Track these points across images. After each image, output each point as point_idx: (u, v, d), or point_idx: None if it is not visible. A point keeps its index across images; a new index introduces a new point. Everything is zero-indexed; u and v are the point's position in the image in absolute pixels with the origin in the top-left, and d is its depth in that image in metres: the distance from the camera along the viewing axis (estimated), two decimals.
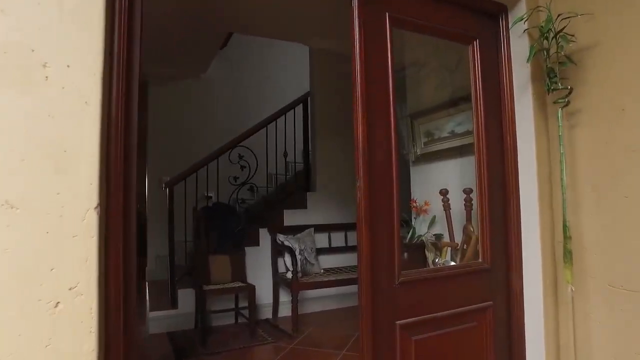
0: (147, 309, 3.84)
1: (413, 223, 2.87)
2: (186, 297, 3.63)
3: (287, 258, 3.76)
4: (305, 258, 3.85)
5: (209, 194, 5.36)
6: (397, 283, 1.61)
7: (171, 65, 5.14)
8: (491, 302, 1.85)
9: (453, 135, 2.51)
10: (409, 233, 2.90)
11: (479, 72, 1.95)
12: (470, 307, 1.80)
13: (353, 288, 4.20)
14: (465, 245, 2.04)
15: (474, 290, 1.83)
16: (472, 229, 2.07)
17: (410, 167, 3.11)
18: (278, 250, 3.97)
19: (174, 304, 3.70)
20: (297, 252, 3.76)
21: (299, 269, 3.70)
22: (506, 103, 1.99)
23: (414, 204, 2.85)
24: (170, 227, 3.71)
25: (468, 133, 2.40)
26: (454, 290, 1.78)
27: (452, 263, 2.01)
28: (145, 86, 5.26)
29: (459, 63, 2.35)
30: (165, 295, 3.87)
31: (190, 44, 4.52)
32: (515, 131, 1.98)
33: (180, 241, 4.22)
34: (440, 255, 2.12)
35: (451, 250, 2.15)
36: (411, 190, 3.09)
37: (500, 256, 1.92)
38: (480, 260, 1.89)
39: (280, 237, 3.85)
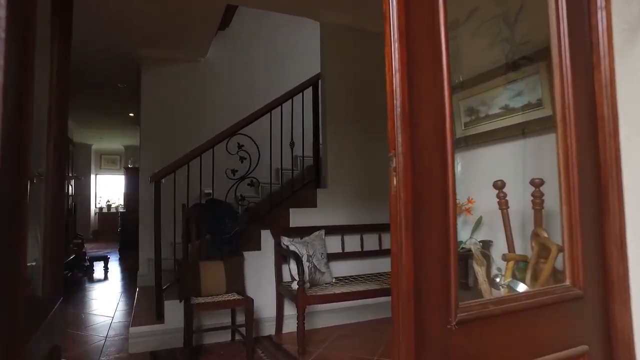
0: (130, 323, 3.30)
1: None
2: (175, 310, 3.08)
3: (293, 265, 3.19)
4: (314, 265, 3.27)
5: (206, 191, 4.82)
6: (454, 323, 1.02)
7: (166, 46, 4.62)
8: (586, 347, 1.25)
9: (507, 110, 1.91)
10: None
11: (564, 11, 1.34)
12: (557, 355, 1.20)
13: (370, 299, 3.64)
14: (539, 260, 1.44)
15: (560, 329, 1.23)
16: (546, 236, 1.46)
17: None
18: (282, 256, 3.40)
19: (159, 317, 3.16)
20: (304, 259, 3.19)
21: (306, 278, 3.13)
22: (602, 57, 1.38)
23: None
24: (157, 226, 3.16)
25: (531, 106, 1.79)
26: (534, 329, 1.18)
27: (522, 286, 1.41)
28: (138, 70, 4.76)
29: (520, 11, 1.74)
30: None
31: (185, 21, 3.98)
32: (616, 97, 1.37)
33: (171, 244, 3.69)
34: (505, 274, 1.52)
35: (514, 267, 1.54)
36: None
37: (596, 278, 1.31)
38: (567, 283, 1.28)
39: (285, 241, 3.28)
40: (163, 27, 4.17)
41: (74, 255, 6.16)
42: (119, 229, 8.39)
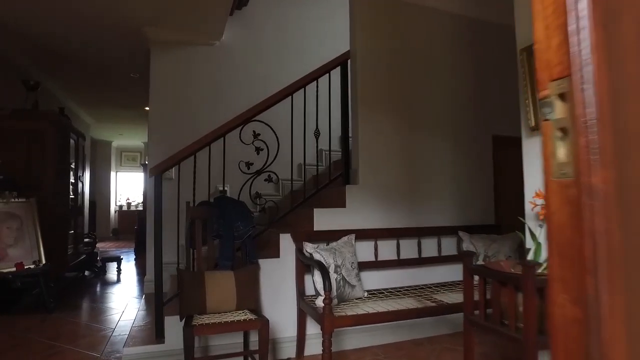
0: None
1: (537, 235, 1.67)
2: (178, 328, 2.57)
3: (318, 277, 2.64)
4: (344, 278, 2.71)
5: (220, 187, 4.33)
6: None
7: (176, 28, 4.15)
8: None
9: None
10: (531, 253, 1.70)
11: None
12: None
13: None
14: None
15: None
16: None
17: (524, 142, 1.90)
18: (305, 265, 2.85)
19: (159, 335, 2.66)
20: (331, 269, 2.64)
21: (334, 293, 2.57)
22: None
23: (536, 203, 1.65)
24: (157, 227, 2.67)
25: None
26: None
27: None
28: (147, 55, 4.31)
29: None
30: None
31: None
32: None
33: (180, 246, 3.20)
34: None
35: None
36: (524, 180, 1.89)
37: None
38: None
39: (309, 247, 2.73)
40: (172, 3, 3.70)
41: (84, 256, 5.80)
42: (136, 227, 8.05)
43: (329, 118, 3.34)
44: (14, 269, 3.90)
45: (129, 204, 11.90)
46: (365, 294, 2.93)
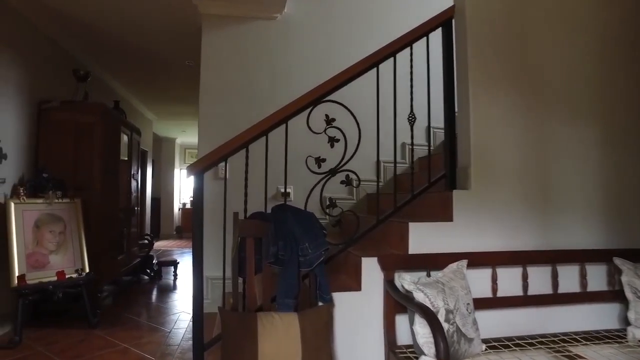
0: None
1: None
2: None
3: (422, 327, 1.78)
4: (458, 329, 1.83)
5: (283, 190, 3.60)
6: None
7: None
8: None
9: None
10: None
11: None
12: None
13: None
14: None
15: None
16: None
17: None
18: (399, 305, 2.01)
19: None
20: (441, 316, 1.77)
21: (442, 354, 1.69)
22: None
23: None
24: (198, 242, 1.96)
25: None
26: None
27: None
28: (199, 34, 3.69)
29: None
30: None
31: None
32: None
33: (231, 260, 2.50)
34: None
35: None
36: None
37: None
38: None
39: (406, 282, 1.87)
40: None
41: (139, 259, 5.40)
42: None
43: (428, 99, 2.45)
44: (55, 279, 3.46)
45: (192, 202, 11.75)
46: (484, 347, 2.01)
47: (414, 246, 2.17)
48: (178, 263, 5.83)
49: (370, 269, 2.10)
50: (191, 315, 3.86)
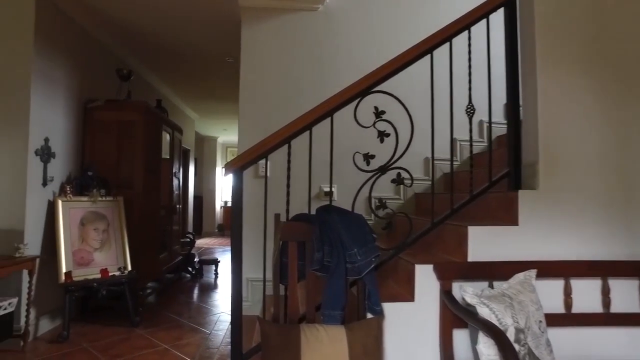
0: None
1: None
2: None
3: (488, 348, 1.55)
4: (530, 351, 1.58)
5: (325, 189, 3.44)
6: None
7: None
8: None
9: None
10: None
11: None
12: None
13: None
14: None
15: None
16: None
17: None
18: (457, 319, 1.78)
19: None
20: (510, 335, 1.53)
21: None
22: None
23: None
24: (236, 244, 1.82)
25: None
26: None
27: None
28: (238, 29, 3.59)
29: None
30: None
31: None
32: None
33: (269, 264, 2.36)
34: None
35: None
36: None
37: None
38: None
39: (468, 294, 1.65)
40: None
41: (180, 257, 5.42)
42: None
43: (489, 89, 2.19)
44: (99, 276, 3.47)
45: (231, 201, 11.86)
46: None
47: (474, 253, 1.93)
48: (219, 262, 5.82)
49: (425, 278, 1.88)
50: (231, 314, 3.80)
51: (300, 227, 1.70)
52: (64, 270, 3.32)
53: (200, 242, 9.28)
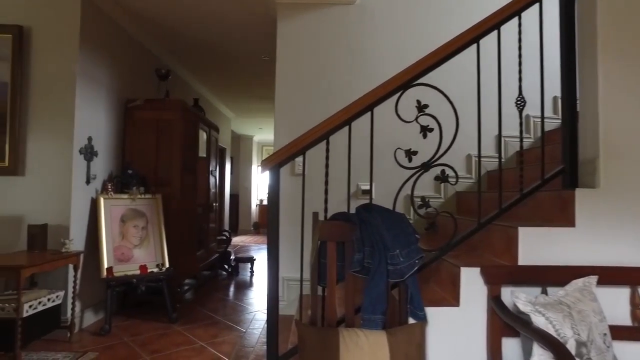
0: None
1: None
2: None
3: (543, 359, 1.42)
4: None
5: (363, 187, 3.35)
6: None
7: None
8: None
9: None
10: None
11: None
12: None
13: None
14: None
15: None
16: None
17: None
18: (507, 327, 1.65)
19: None
20: (571, 350, 1.39)
21: None
22: None
23: None
24: (273, 243, 1.77)
25: None
26: None
27: None
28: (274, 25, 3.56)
29: None
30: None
31: None
32: None
33: (307, 264, 2.30)
34: None
35: None
36: None
37: None
38: None
39: (521, 301, 1.52)
40: None
41: (217, 255, 5.48)
42: None
43: (541, 78, 2.03)
44: (138, 272, 3.54)
45: (267, 199, 11.96)
46: None
47: (525, 256, 1.79)
48: (255, 260, 5.84)
49: (471, 281, 1.76)
50: (267, 316, 3.78)
51: (340, 226, 1.62)
52: (105, 265, 3.40)
53: (236, 240, 9.39)
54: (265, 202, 11.87)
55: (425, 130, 1.88)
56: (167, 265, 3.71)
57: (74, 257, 3.08)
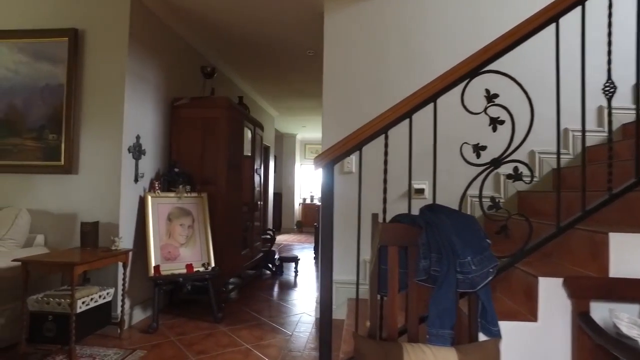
0: None
1: None
2: None
3: None
4: None
5: (417, 186, 3.14)
6: None
7: None
8: None
9: None
10: None
11: None
12: None
13: None
14: None
15: None
16: None
17: None
18: (599, 350, 1.42)
19: None
20: None
21: None
22: None
23: None
24: (327, 247, 1.64)
25: None
26: None
27: None
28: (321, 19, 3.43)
29: None
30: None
31: None
32: None
33: (362, 263, 2.15)
34: None
35: None
36: None
37: None
38: None
39: (623, 321, 1.29)
40: None
41: (261, 254, 5.43)
42: (315, 224, 7.58)
43: (637, 60, 1.76)
44: (184, 271, 3.53)
45: (312, 197, 11.90)
46: None
47: (618, 267, 1.55)
48: (299, 259, 5.76)
49: (552, 294, 1.54)
50: (313, 318, 3.65)
51: (403, 229, 1.46)
52: (153, 264, 3.41)
53: (279, 239, 9.38)
54: (308, 201, 11.83)
55: (495, 122, 1.67)
56: (212, 264, 3.68)
57: (123, 255, 3.10)
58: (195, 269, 3.57)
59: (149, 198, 3.55)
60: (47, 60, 3.34)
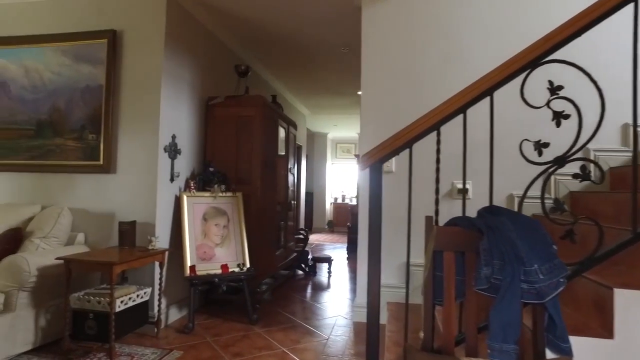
0: None
1: None
2: None
3: None
4: None
5: (459, 186, 2.99)
6: None
7: None
8: None
9: None
10: None
11: None
12: None
13: None
14: None
15: None
16: None
17: None
18: None
19: None
20: None
21: None
22: None
23: None
24: (375, 252, 1.53)
25: None
26: None
27: None
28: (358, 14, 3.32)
29: None
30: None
31: None
32: None
33: (411, 267, 2.05)
34: None
35: None
36: None
37: None
38: None
39: None
40: None
41: (295, 254, 5.38)
42: (348, 224, 7.47)
43: None
44: (220, 271, 3.50)
45: (343, 197, 11.78)
46: None
47: None
48: (332, 260, 5.67)
49: (630, 307, 1.38)
50: (349, 322, 3.55)
51: (461, 234, 1.33)
52: (188, 264, 3.40)
53: (311, 238, 9.33)
54: (339, 201, 11.72)
55: (559, 116, 1.52)
56: (247, 265, 3.64)
57: (160, 254, 3.10)
58: (230, 269, 3.54)
59: (185, 198, 3.55)
60: (88, 62, 3.39)
